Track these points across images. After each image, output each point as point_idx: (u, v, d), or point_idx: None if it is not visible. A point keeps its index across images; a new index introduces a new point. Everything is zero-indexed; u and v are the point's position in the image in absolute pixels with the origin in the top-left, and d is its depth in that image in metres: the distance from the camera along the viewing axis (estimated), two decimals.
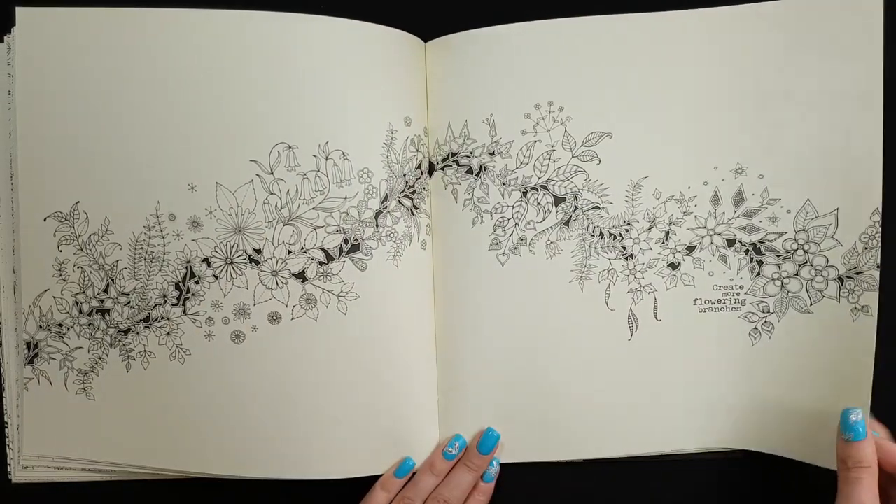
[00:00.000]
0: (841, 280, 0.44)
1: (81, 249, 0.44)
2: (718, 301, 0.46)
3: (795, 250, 0.45)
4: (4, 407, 0.45)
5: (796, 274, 0.45)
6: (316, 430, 0.44)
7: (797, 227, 0.44)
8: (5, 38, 0.44)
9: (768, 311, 0.45)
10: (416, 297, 0.46)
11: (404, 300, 0.45)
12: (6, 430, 0.46)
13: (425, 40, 0.46)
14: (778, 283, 0.45)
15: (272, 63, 0.43)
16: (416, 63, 0.46)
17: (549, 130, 0.45)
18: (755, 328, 0.45)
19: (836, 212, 0.43)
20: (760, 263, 0.45)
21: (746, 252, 0.45)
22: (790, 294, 0.45)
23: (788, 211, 0.44)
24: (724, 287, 0.45)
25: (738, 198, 0.45)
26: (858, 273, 0.43)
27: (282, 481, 0.45)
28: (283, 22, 0.42)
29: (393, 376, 0.45)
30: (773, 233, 0.45)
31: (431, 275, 0.46)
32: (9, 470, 0.46)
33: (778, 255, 0.45)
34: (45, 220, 0.44)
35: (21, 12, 0.42)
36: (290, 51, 0.43)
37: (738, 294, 0.45)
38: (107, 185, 0.43)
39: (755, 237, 0.45)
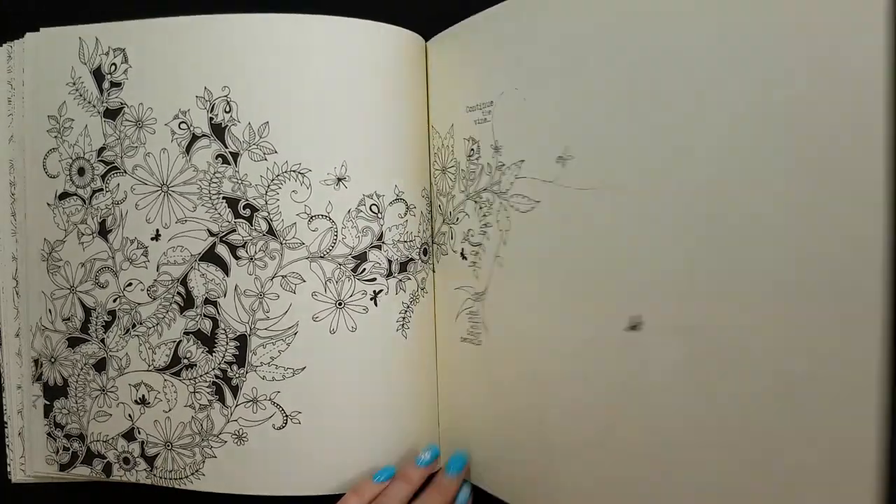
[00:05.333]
0: None
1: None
2: None
3: None
4: (4, 408, 0.46)
5: None
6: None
7: None
8: (4, 45, 0.45)
9: None
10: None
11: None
12: (6, 430, 0.46)
13: (427, 39, 0.45)
14: None
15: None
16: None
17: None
18: None
19: None
20: None
21: None
22: None
23: None
24: None
25: None
26: None
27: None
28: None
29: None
30: None
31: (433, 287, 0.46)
32: (9, 470, 0.46)
33: None
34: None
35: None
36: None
37: None
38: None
39: None
